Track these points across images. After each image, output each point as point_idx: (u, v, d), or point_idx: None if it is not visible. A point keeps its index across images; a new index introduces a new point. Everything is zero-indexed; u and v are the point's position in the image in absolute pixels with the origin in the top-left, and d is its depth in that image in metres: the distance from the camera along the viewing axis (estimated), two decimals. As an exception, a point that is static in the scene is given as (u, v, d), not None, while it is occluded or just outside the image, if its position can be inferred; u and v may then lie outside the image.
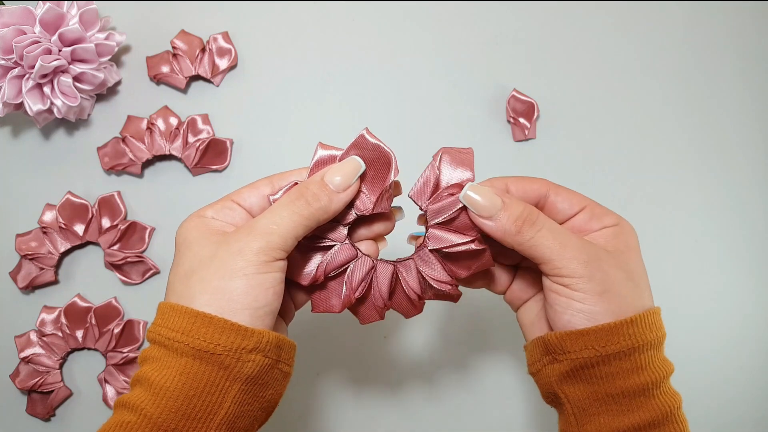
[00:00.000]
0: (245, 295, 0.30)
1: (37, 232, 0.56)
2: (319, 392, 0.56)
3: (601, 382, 0.31)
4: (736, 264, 0.58)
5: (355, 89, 0.59)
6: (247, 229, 0.32)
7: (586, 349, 0.31)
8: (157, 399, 0.29)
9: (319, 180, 0.33)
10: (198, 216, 0.34)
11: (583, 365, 0.32)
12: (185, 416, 0.29)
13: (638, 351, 0.31)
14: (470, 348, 0.57)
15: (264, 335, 0.31)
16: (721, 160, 0.59)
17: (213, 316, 0.30)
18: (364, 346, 0.57)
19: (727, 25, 0.61)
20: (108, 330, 0.55)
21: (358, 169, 0.34)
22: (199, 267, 0.31)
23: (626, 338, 0.31)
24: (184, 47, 0.58)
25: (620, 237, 0.33)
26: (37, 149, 0.58)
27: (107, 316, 0.55)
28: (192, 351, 0.29)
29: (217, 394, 0.30)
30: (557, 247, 0.31)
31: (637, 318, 0.31)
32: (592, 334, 0.31)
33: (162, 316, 0.31)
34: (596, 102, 0.60)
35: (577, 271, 0.31)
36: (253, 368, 0.30)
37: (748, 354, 0.57)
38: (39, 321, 0.55)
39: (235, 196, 0.35)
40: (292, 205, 0.32)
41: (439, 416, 0.56)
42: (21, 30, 0.51)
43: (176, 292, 0.31)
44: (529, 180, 0.36)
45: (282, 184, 0.35)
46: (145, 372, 0.30)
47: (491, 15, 0.61)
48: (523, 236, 0.32)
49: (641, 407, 0.31)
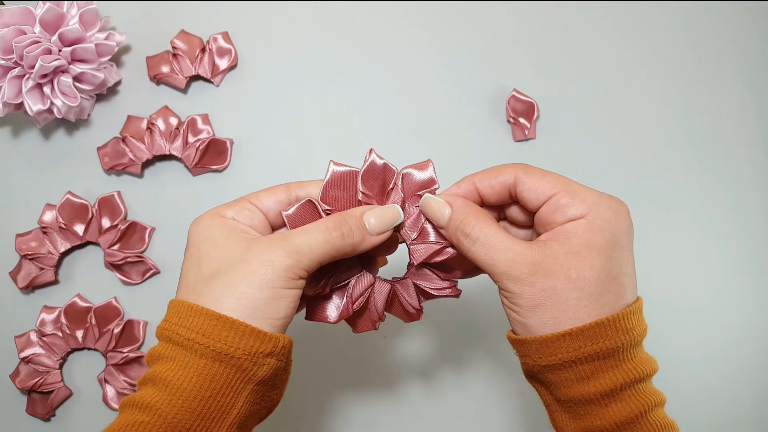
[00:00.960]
0: (268, 305, 0.31)
1: (37, 232, 0.56)
2: (319, 392, 0.56)
3: (552, 386, 0.32)
4: (736, 264, 0.58)
5: (355, 89, 0.59)
6: (281, 242, 0.32)
7: (526, 357, 0.32)
8: (173, 399, 0.29)
9: (359, 216, 0.34)
10: (218, 215, 0.34)
11: (529, 369, 0.33)
12: (200, 416, 0.29)
13: (579, 363, 0.30)
14: (470, 348, 0.57)
15: (280, 340, 0.31)
16: (721, 160, 0.59)
17: (235, 320, 0.30)
18: (364, 347, 0.57)
19: (727, 25, 0.61)
20: (108, 330, 0.55)
21: (397, 219, 0.35)
22: (225, 269, 0.31)
23: (563, 351, 0.30)
24: (184, 47, 0.58)
25: (584, 234, 0.31)
26: (37, 149, 0.58)
27: (107, 316, 0.55)
28: (212, 353, 0.30)
29: (231, 395, 0.30)
30: (489, 261, 0.32)
31: (574, 331, 0.30)
32: (529, 344, 0.31)
33: (178, 314, 0.31)
34: (596, 102, 0.60)
35: (509, 287, 0.31)
36: (267, 371, 0.31)
37: (748, 354, 0.57)
38: (39, 321, 0.55)
39: (252, 198, 0.35)
40: (328, 233, 0.33)
41: (439, 416, 0.56)
42: (21, 30, 0.51)
43: (197, 291, 0.32)
44: (496, 172, 0.34)
45: (299, 194, 0.36)
46: (158, 371, 0.30)
47: (491, 15, 0.61)
48: (462, 247, 0.33)
49: (592, 414, 0.31)
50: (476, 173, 0.35)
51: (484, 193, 0.35)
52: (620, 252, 0.31)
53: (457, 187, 0.35)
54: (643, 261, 0.57)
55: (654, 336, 0.57)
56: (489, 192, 0.35)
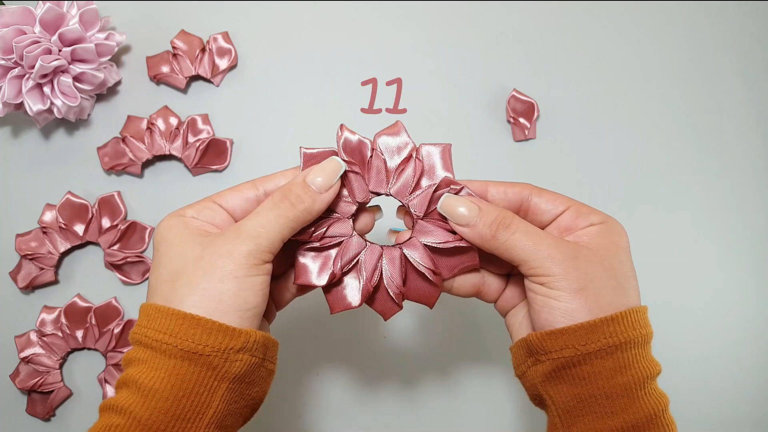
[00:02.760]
0: (235, 297, 0.30)
1: (37, 232, 0.56)
2: (320, 392, 0.56)
3: (584, 382, 0.31)
4: (736, 264, 0.58)
5: (355, 89, 0.59)
6: (235, 232, 0.32)
7: (566, 349, 0.31)
8: (146, 401, 0.29)
9: (301, 181, 0.34)
10: (177, 215, 0.34)
11: (564, 365, 0.31)
12: (174, 417, 0.29)
13: (620, 349, 0.31)
14: (472, 348, 0.57)
15: (251, 335, 0.31)
16: (721, 160, 0.60)
17: (200, 317, 0.30)
18: (365, 347, 0.57)
19: (727, 25, 0.61)
20: (108, 330, 0.55)
21: (339, 169, 0.34)
22: (184, 269, 0.31)
23: (606, 336, 0.30)
24: (184, 47, 0.58)
25: (606, 235, 0.33)
26: (37, 149, 0.58)
27: (107, 315, 0.55)
28: (180, 352, 0.29)
29: (205, 394, 0.30)
30: (531, 246, 0.32)
31: (617, 316, 0.31)
32: (571, 333, 0.31)
33: (147, 317, 0.31)
34: (596, 102, 0.60)
35: (552, 270, 0.31)
36: (240, 367, 0.30)
37: (748, 354, 0.57)
38: (39, 321, 0.55)
39: (216, 198, 0.35)
40: (276, 207, 0.32)
41: (439, 416, 0.56)
42: (21, 30, 0.51)
43: (161, 294, 0.31)
44: (511, 184, 0.36)
45: (267, 188, 0.35)
46: (131, 374, 0.30)
47: (491, 15, 0.61)
48: (498, 240, 0.33)
49: (626, 409, 0.30)
50: (490, 180, 0.36)
51: (494, 198, 0.35)
52: (630, 258, 0.34)
53: (470, 183, 0.36)
54: (643, 261, 0.57)
55: (654, 336, 0.57)
56: (500, 198, 0.35)
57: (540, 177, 0.58)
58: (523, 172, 0.58)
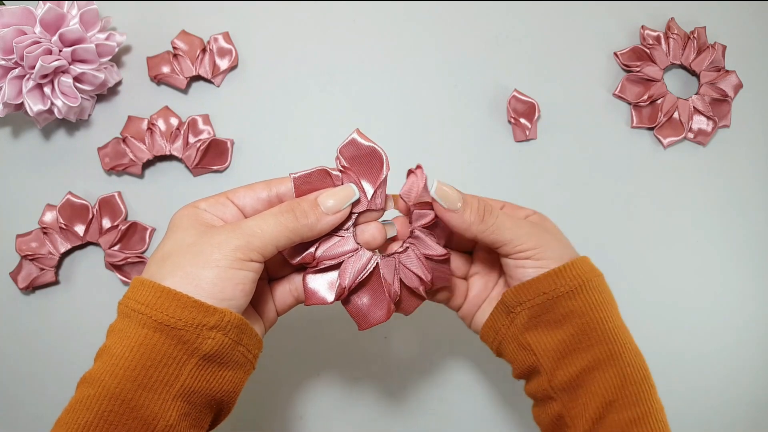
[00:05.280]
0: (212, 285, 0.31)
1: (37, 232, 0.56)
2: (320, 393, 0.56)
3: (561, 323, 0.36)
4: (737, 264, 0.58)
5: (355, 90, 0.59)
6: (232, 227, 0.33)
7: (539, 296, 0.36)
8: (115, 369, 0.30)
9: (312, 199, 0.35)
10: (192, 206, 0.35)
11: (540, 311, 0.36)
12: (141, 386, 0.30)
13: (585, 289, 0.35)
14: (473, 349, 0.57)
15: (226, 314, 0.31)
16: (721, 159, 0.59)
17: (177, 292, 0.31)
18: (366, 347, 0.57)
19: (727, 25, 0.61)
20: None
21: (351, 196, 0.35)
22: (176, 252, 0.32)
23: (570, 279, 0.35)
24: (185, 47, 0.58)
25: (540, 216, 0.40)
26: (38, 149, 0.58)
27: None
28: (153, 323, 0.30)
29: (174, 366, 0.30)
30: (515, 227, 0.36)
31: (575, 261, 0.36)
32: (542, 280, 0.36)
33: (132, 289, 0.32)
34: (597, 102, 0.60)
35: (540, 242, 0.36)
36: (212, 345, 0.31)
37: (749, 354, 0.57)
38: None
39: (230, 194, 0.36)
40: (280, 215, 0.34)
41: (440, 416, 0.56)
42: (21, 30, 0.51)
43: (149, 272, 0.32)
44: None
45: (280, 190, 0.36)
46: (107, 344, 0.31)
47: (492, 15, 0.61)
48: (486, 223, 0.35)
49: (602, 339, 0.35)
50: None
51: None
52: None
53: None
54: (644, 261, 0.58)
55: (655, 336, 0.57)
56: None
57: (541, 177, 0.58)
58: (523, 173, 0.58)
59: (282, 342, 0.55)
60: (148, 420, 0.30)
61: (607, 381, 0.34)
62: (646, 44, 0.60)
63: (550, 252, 0.36)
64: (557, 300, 0.35)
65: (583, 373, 0.35)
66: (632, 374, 0.34)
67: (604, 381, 0.35)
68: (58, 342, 0.56)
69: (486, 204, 0.36)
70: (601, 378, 0.35)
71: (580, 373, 0.35)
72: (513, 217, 0.36)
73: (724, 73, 0.59)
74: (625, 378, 0.34)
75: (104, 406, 0.29)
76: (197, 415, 0.32)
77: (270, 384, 0.55)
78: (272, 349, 0.54)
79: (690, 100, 0.59)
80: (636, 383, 0.34)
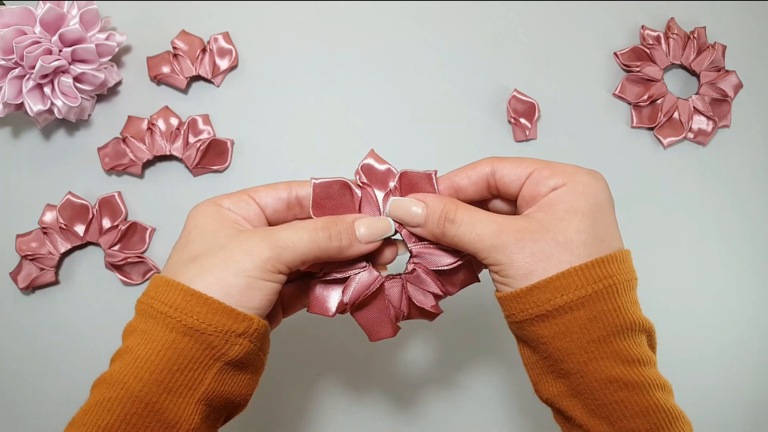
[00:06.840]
0: (241, 293, 0.31)
1: (37, 232, 0.56)
2: (320, 393, 0.56)
3: (534, 347, 0.33)
4: (738, 265, 0.58)
5: (355, 90, 0.59)
6: (263, 234, 0.32)
7: (507, 315, 0.33)
8: (140, 372, 0.29)
9: (350, 222, 0.34)
10: (215, 204, 0.34)
11: (515, 329, 0.33)
12: (166, 389, 0.29)
13: (548, 317, 0.31)
14: (475, 350, 0.57)
15: (254, 321, 0.31)
16: (721, 159, 0.59)
17: (209, 297, 0.30)
18: (366, 347, 0.57)
19: (727, 24, 0.61)
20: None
21: (388, 231, 0.35)
22: (206, 254, 0.32)
23: (531, 305, 0.31)
24: (185, 47, 0.58)
25: (566, 200, 0.31)
26: (38, 149, 0.58)
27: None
28: (183, 327, 0.30)
29: (199, 371, 0.30)
30: (474, 238, 0.32)
31: (542, 284, 0.30)
32: (504, 301, 0.32)
33: (156, 289, 0.31)
34: (597, 102, 0.60)
35: (498, 259, 0.31)
36: (239, 351, 0.31)
37: (749, 355, 0.57)
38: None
39: (252, 192, 0.35)
40: (314, 233, 0.33)
41: (439, 416, 0.56)
42: (21, 30, 0.51)
43: (175, 271, 0.32)
44: (472, 166, 0.35)
45: (300, 192, 0.35)
46: (129, 345, 0.30)
47: (491, 15, 0.61)
48: (447, 236, 0.33)
49: (566, 374, 0.31)
50: (451, 171, 0.36)
51: (462, 186, 0.35)
52: (605, 215, 0.32)
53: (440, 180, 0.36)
54: (644, 261, 0.58)
55: (654, 334, 0.57)
56: (467, 184, 0.35)
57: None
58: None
59: (283, 342, 0.55)
60: (170, 424, 0.29)
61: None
62: (646, 44, 0.60)
63: (513, 270, 0.31)
64: (522, 324, 0.32)
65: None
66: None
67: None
68: (58, 342, 0.56)
69: (448, 210, 0.33)
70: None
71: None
72: (478, 225, 0.32)
73: (724, 73, 0.59)
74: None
75: (127, 408, 0.29)
76: (215, 417, 0.32)
77: (270, 384, 0.55)
78: (273, 349, 0.54)
79: (690, 100, 0.59)
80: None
